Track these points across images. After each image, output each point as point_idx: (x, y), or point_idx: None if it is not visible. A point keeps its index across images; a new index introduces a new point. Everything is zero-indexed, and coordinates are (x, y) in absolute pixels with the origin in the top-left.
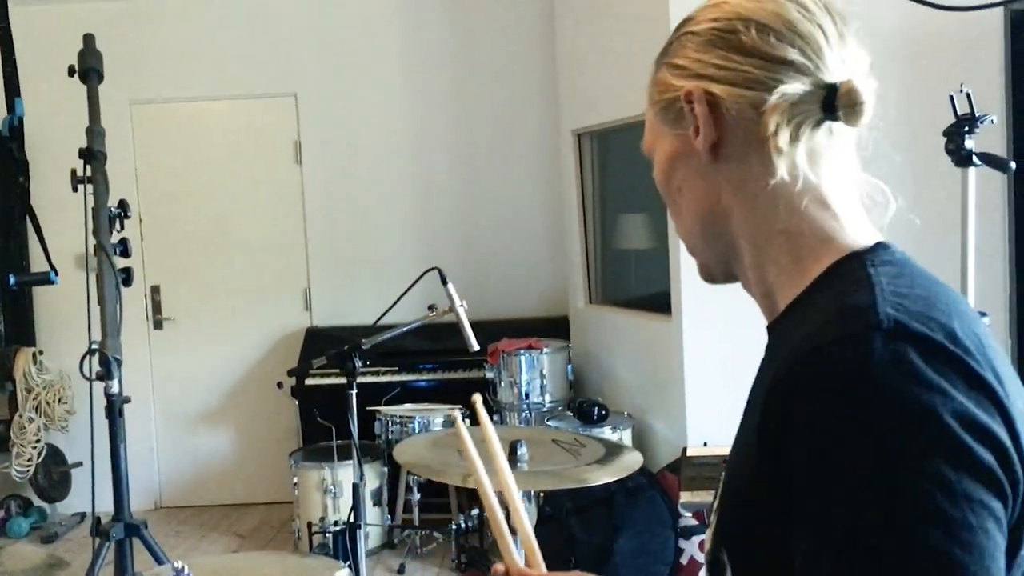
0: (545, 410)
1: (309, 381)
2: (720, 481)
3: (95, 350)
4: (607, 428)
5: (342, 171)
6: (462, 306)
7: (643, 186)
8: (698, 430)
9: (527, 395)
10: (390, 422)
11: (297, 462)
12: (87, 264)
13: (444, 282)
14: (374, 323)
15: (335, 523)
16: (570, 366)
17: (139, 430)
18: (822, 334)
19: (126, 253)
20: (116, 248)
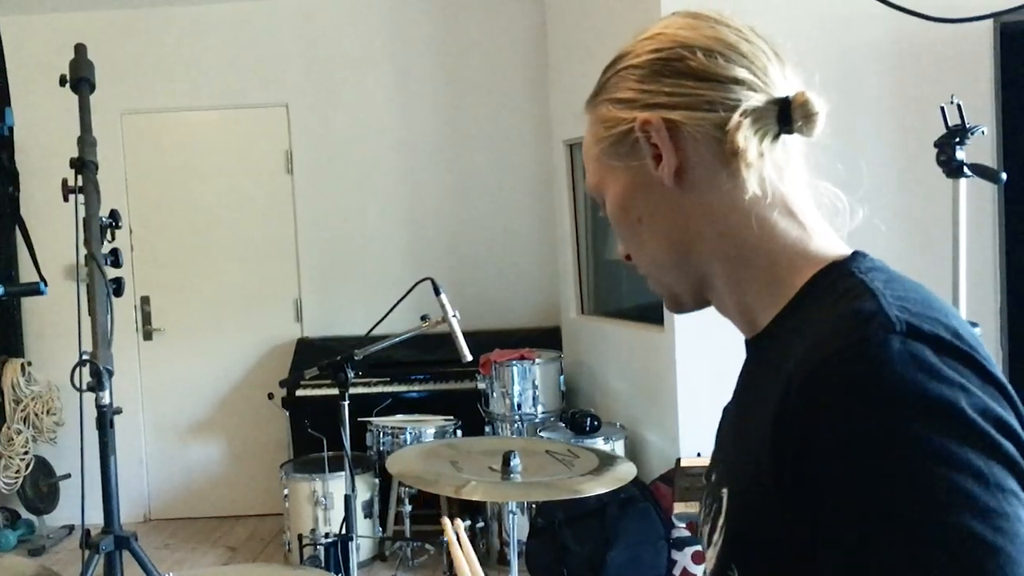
0: (537, 421)
1: (300, 392)
2: (710, 495)
3: (86, 361)
4: (600, 439)
5: (333, 181)
6: (455, 316)
7: None
8: (691, 441)
9: (519, 406)
10: (382, 433)
11: (288, 473)
12: (78, 274)
13: (437, 292)
14: (366, 333)
15: (326, 535)
16: (562, 377)
17: (128, 441)
18: (833, 343)
19: (117, 263)
20: (107, 258)
